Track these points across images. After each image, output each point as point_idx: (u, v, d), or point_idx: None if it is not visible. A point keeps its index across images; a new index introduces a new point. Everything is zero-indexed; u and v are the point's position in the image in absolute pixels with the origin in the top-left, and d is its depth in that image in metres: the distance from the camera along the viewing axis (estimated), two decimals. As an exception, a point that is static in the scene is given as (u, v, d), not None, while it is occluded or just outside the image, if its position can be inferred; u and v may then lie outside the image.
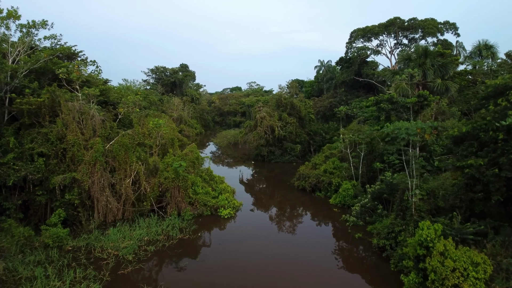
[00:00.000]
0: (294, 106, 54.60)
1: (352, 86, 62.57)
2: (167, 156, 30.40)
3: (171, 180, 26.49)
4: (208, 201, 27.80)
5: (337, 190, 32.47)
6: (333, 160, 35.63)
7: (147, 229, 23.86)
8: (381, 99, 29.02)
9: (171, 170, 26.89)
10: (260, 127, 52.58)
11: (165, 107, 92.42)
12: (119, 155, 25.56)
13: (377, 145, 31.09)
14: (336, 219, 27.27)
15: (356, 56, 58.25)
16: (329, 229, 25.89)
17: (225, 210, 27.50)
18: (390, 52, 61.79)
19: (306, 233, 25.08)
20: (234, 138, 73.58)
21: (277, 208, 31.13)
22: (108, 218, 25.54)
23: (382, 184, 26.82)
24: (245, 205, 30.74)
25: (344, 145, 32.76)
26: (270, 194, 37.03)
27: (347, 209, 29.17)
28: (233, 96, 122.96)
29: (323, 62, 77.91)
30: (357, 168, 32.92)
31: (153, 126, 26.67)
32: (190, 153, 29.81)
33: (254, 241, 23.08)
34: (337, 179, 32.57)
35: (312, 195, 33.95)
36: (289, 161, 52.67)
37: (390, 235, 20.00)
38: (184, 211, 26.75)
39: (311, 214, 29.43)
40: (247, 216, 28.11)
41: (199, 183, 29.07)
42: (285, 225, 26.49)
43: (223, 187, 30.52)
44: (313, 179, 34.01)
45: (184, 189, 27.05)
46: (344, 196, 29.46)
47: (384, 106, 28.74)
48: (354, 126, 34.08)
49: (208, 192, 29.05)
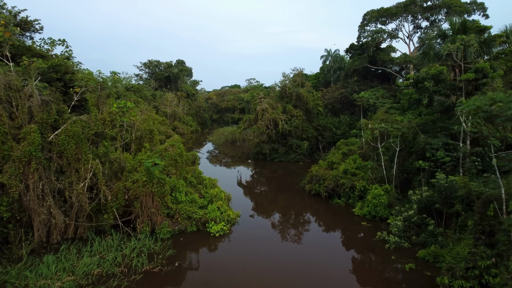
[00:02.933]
0: (300, 97, 47.34)
1: (364, 76, 55.26)
2: (141, 153, 23.11)
3: (142, 185, 19.17)
4: (194, 213, 20.50)
5: (362, 196, 25.25)
6: (354, 158, 28.38)
7: (103, 255, 16.56)
8: (423, 77, 21.86)
9: (141, 171, 19.59)
10: (261, 120, 45.30)
11: (157, 102, 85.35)
12: (67, 149, 18.25)
13: (411, 138, 23.86)
14: (367, 238, 19.99)
15: (370, 40, 51.13)
16: (362, 254, 18.57)
17: (216, 225, 20.18)
18: (408, 37, 54.63)
19: (331, 261, 17.78)
20: (232, 135, 66.43)
21: (285, 221, 23.83)
22: (53, 238, 18.25)
23: (429, 191, 19.61)
24: (243, 215, 23.46)
25: (372, 139, 25.50)
26: (274, 200, 29.73)
27: (380, 223, 21.92)
28: (231, 92, 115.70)
29: (330, 52, 70.71)
30: (387, 168, 25.68)
31: (118, 110, 19.44)
32: (171, 148, 22.49)
33: (256, 274, 15.77)
34: (362, 182, 25.34)
35: (329, 203, 26.68)
36: (295, 160, 45.40)
37: (472, 273, 12.70)
38: (160, 226, 19.45)
39: (332, 229, 22.13)
40: (246, 233, 20.80)
41: (182, 187, 21.78)
42: (299, 249, 19.17)
43: (215, 192, 23.21)
44: (330, 182, 26.73)
45: (160, 197, 19.74)
46: (375, 205, 22.20)
47: (429, 85, 21.59)
48: (381, 115, 27.08)
49: (194, 200, 21.75)
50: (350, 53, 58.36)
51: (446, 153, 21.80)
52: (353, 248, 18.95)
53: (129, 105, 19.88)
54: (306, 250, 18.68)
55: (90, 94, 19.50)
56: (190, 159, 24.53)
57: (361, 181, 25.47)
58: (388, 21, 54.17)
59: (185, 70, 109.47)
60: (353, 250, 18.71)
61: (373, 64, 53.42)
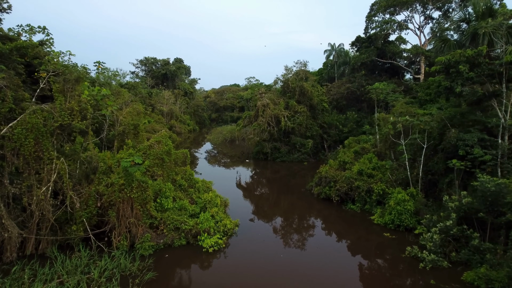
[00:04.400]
0: (304, 92, 43.80)
1: (372, 70, 51.77)
2: (123, 151, 19.58)
3: (118, 189, 15.61)
4: (183, 223, 16.93)
5: (381, 201, 21.75)
6: (370, 157, 24.85)
7: (63, 279, 13.01)
8: (457, 60, 18.34)
9: (119, 172, 16.04)
10: (262, 117, 41.74)
11: (153, 100, 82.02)
12: (25, 145, 14.70)
13: (436, 134, 20.34)
14: (395, 254, 16.43)
15: (379, 31, 47.67)
16: (394, 277, 15.01)
17: (210, 238, 16.61)
18: (419, 28, 51.12)
19: (354, 286, 14.22)
20: (231, 134, 62.96)
21: (292, 231, 20.26)
22: (6, 255, 14.69)
23: (468, 197, 16.09)
24: (243, 223, 19.91)
25: (394, 134, 21.97)
26: (277, 205, 26.18)
27: (407, 233, 18.37)
28: (230, 90, 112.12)
29: (334, 46, 67.10)
30: (410, 168, 22.17)
31: (90, 98, 15.89)
32: (156, 144, 18.93)
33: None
34: (380, 185, 21.81)
35: (342, 208, 23.13)
36: (299, 159, 41.83)
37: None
38: (141, 240, 15.89)
39: (349, 242, 18.55)
40: (245, 248, 17.23)
41: (170, 192, 18.20)
42: (311, 269, 15.60)
43: (209, 197, 19.63)
44: (342, 185, 23.17)
45: (141, 204, 16.18)
46: (399, 212, 18.64)
47: (464, 69, 18.07)
48: (400, 108, 23.61)
49: (184, 206, 18.18)
50: (356, 47, 54.82)
51: (483, 151, 18.30)
52: (381, 269, 15.37)
53: (104, 92, 16.34)
54: (320, 270, 15.09)
55: (55, 79, 15.91)
56: (180, 158, 20.97)
57: (379, 184, 21.94)
58: (398, 11, 50.66)
59: (182, 68, 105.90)
60: (381, 272, 15.13)
61: (382, 58, 49.95)
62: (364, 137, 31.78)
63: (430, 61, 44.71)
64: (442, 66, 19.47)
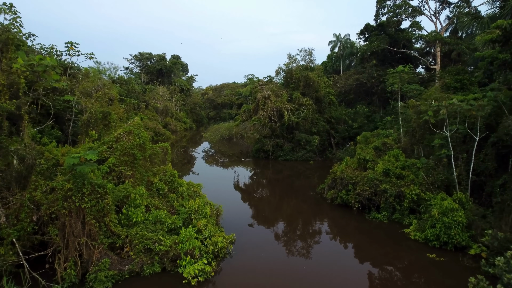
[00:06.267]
0: (310, 83, 39.18)
1: (382, 61, 47.22)
2: (82, 145, 14.99)
3: (63, 197, 11.01)
4: (157, 242, 12.31)
5: (414, 210, 17.20)
6: (395, 154, 20.26)
7: None
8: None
9: (62, 172, 11.44)
10: (263, 110, 37.12)
11: (148, 97, 77.61)
12: None
13: (482, 124, 15.82)
14: (448, 285, 11.85)
15: (391, 16, 43.16)
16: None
17: (194, 264, 11.99)
18: (434, 14, 46.59)
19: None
20: (228, 131, 58.38)
21: (303, 246, 15.66)
22: None
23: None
24: (240, 237, 15.30)
25: (436, 122, 17.36)
26: (282, 213, 21.56)
27: (460, 254, 13.80)
28: (228, 86, 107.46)
29: (340, 37, 62.57)
30: (451, 168, 17.62)
31: (25, 69, 11.31)
32: (126, 136, 14.31)
33: None
34: (414, 188, 17.24)
35: (364, 217, 18.53)
36: (304, 158, 37.23)
37: None
38: (96, 268, 11.28)
39: (378, 265, 13.93)
40: (243, 275, 12.63)
41: (141, 199, 13.57)
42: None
43: (196, 205, 14.95)
44: (364, 188, 18.56)
45: (96, 217, 11.57)
46: (447, 225, 14.05)
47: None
48: (434, 93, 19.16)
49: (160, 219, 13.53)
50: (365, 36, 50.27)
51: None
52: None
53: (48, 63, 11.78)
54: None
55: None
56: (158, 154, 16.34)
57: (412, 187, 17.36)
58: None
59: (179, 64, 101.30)
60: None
61: (393, 46, 45.39)
62: (381, 132, 27.19)
63: (449, 48, 40.23)
64: (500, 34, 14.88)
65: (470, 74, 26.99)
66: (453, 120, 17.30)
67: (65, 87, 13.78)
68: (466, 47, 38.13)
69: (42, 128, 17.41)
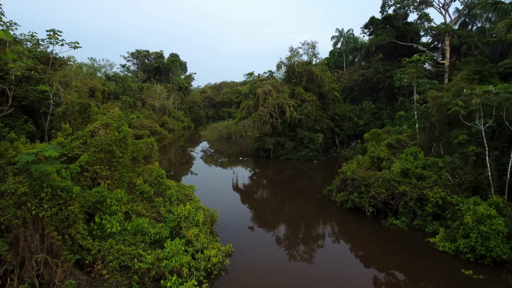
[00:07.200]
0: (313, 77, 36.96)
1: (389, 55, 44.99)
2: (53, 140, 12.75)
3: (15, 203, 8.75)
4: (135, 258, 10.04)
5: (439, 215, 14.96)
6: (413, 152, 18.00)
7: None
8: None
9: (13, 172, 9.18)
10: (263, 106, 34.88)
11: (144, 95, 75.58)
12: None
13: None
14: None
15: (399, 8, 40.98)
16: None
17: (181, 285, 9.73)
18: (443, 6, 44.39)
19: None
20: (227, 130, 56.11)
21: (310, 257, 13.39)
22: None
23: None
24: (238, 247, 13.04)
25: (466, 114, 15.13)
26: (286, 218, 19.26)
27: (502, 270, 11.56)
28: (227, 84, 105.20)
29: (342, 32, 60.39)
30: (476, 167, 15.39)
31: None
32: (103, 129, 12.04)
33: None
34: (438, 191, 15.00)
35: (380, 224, 16.28)
36: (307, 157, 34.99)
37: None
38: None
39: (404, 284, 11.66)
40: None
41: (118, 206, 11.28)
42: None
43: (187, 211, 12.68)
44: (380, 190, 16.30)
45: (59, 228, 9.32)
46: (485, 235, 11.79)
47: None
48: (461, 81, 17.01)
49: (141, 229, 11.25)
50: (369, 30, 48.04)
51: None
52: None
53: (1, 36, 9.54)
54: None
55: None
56: (143, 152, 14.08)
57: (437, 189, 15.12)
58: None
59: (177, 62, 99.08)
60: None
61: (400, 40, 43.17)
62: (391, 128, 24.93)
63: (460, 41, 38.02)
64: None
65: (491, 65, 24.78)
66: (483, 113, 15.10)
67: (22, 66, 11.51)
68: (478, 40, 36.01)
69: (12, 122, 15.15)
